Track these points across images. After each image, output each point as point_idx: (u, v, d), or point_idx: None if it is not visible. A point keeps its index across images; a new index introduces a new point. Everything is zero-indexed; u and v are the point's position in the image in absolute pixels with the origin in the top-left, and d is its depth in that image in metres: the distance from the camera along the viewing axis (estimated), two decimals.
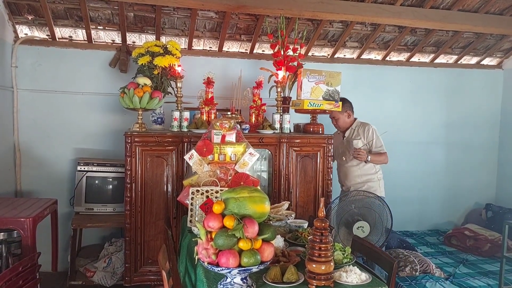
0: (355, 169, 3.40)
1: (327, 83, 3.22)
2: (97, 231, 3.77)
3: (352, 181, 3.43)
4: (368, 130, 3.38)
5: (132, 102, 2.86)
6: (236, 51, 4.04)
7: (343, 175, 3.51)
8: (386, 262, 2.01)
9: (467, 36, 4.29)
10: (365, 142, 3.33)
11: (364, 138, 3.35)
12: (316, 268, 1.61)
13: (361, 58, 4.37)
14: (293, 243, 2.13)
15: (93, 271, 3.31)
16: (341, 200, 3.13)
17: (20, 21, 3.43)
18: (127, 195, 2.89)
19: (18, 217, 2.48)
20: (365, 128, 3.40)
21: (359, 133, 3.40)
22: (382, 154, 3.37)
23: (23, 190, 3.59)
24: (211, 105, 3.14)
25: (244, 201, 1.60)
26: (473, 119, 4.76)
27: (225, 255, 1.51)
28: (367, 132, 3.38)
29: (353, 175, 3.42)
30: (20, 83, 3.55)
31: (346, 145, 3.46)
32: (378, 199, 3.12)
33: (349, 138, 3.43)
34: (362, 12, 3.56)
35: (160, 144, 2.92)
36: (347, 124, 3.48)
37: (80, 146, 3.71)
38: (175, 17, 3.56)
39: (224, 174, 2.37)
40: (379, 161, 3.36)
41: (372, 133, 3.38)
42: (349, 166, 3.43)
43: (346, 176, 3.46)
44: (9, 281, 2.01)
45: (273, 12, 3.42)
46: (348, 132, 3.47)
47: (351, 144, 3.33)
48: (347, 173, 3.45)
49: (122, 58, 3.61)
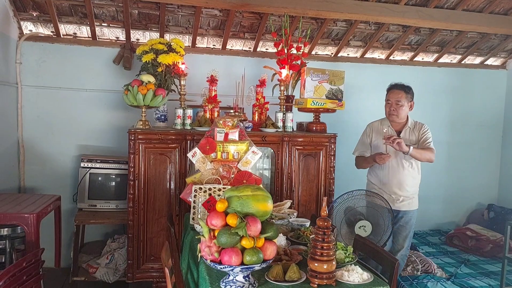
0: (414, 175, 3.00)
1: (331, 82, 3.22)
2: (100, 228, 3.78)
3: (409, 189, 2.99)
4: (424, 130, 2.99)
5: (136, 99, 2.87)
6: (240, 49, 4.04)
7: (396, 182, 2.99)
8: (388, 261, 2.01)
9: (471, 36, 4.28)
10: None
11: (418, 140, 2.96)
12: (318, 267, 1.62)
13: (365, 57, 4.36)
14: (295, 241, 2.13)
15: (95, 267, 3.32)
16: (343, 199, 3.14)
17: (25, 17, 3.44)
18: (130, 192, 2.90)
19: (22, 213, 2.50)
20: (421, 127, 3.01)
21: (414, 133, 2.99)
22: (428, 149, 2.91)
23: (26, 186, 3.61)
24: (214, 103, 3.15)
25: (247, 200, 1.60)
26: (476, 119, 4.75)
27: (228, 253, 1.51)
28: (422, 131, 2.99)
29: (412, 183, 2.99)
30: (25, 79, 3.56)
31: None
32: (380, 198, 3.13)
33: (404, 140, 2.88)
34: (366, 11, 3.55)
35: (163, 141, 2.93)
36: (405, 117, 3.01)
37: (83, 142, 3.73)
38: (179, 14, 3.56)
39: (227, 172, 2.37)
40: (423, 158, 2.90)
41: (426, 132, 2.99)
42: (406, 173, 2.97)
43: (401, 183, 2.97)
44: (13, 276, 2.03)
45: (277, 10, 3.42)
46: (405, 132, 2.99)
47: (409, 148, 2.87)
48: (402, 181, 2.97)
49: (126, 55, 3.62)
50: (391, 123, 3.03)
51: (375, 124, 3.10)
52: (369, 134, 3.09)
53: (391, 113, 2.97)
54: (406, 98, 2.93)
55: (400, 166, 2.97)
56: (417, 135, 2.97)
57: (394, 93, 2.95)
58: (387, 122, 3.03)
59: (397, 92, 2.95)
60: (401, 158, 2.95)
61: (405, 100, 2.93)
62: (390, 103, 2.98)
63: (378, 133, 3.03)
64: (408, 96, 2.94)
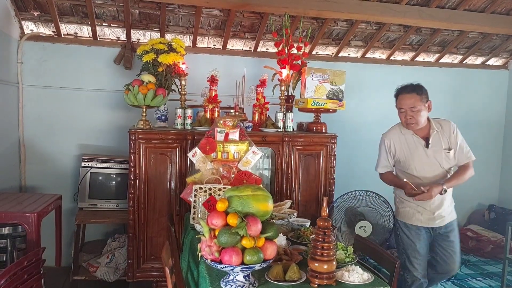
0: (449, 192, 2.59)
1: (331, 82, 3.22)
2: (100, 227, 3.79)
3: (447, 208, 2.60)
4: (453, 131, 2.56)
5: (136, 99, 2.87)
6: (240, 49, 4.04)
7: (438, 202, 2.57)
8: (389, 262, 2.01)
9: (473, 36, 4.27)
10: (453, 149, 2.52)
11: (452, 144, 2.55)
12: (318, 267, 1.62)
13: (366, 57, 4.36)
14: (295, 241, 2.13)
15: (96, 266, 3.33)
16: (344, 199, 3.14)
17: (26, 17, 3.44)
18: (130, 191, 2.90)
19: (23, 212, 2.50)
20: (449, 127, 2.57)
21: (444, 136, 2.56)
22: (463, 170, 2.54)
23: (27, 186, 3.62)
24: (215, 103, 3.15)
25: (248, 199, 1.61)
26: (478, 120, 4.75)
27: (228, 253, 1.51)
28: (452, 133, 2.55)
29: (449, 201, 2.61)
30: (26, 79, 3.57)
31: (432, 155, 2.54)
32: (381, 198, 3.13)
33: (437, 147, 2.52)
34: (367, 11, 3.55)
35: (164, 141, 2.93)
36: (425, 121, 2.56)
37: (84, 142, 3.73)
38: (180, 14, 3.56)
39: (227, 172, 2.38)
40: (463, 182, 2.52)
41: (457, 134, 2.56)
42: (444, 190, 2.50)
43: (442, 201, 2.57)
44: (14, 275, 2.03)
45: (278, 10, 3.42)
46: (434, 139, 2.54)
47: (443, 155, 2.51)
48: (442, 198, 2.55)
49: (126, 55, 3.62)
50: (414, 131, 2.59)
51: (394, 135, 2.65)
52: (389, 148, 2.67)
53: (408, 122, 2.53)
54: (421, 101, 2.48)
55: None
56: (448, 139, 2.55)
57: (406, 98, 2.51)
58: (409, 131, 2.59)
59: (409, 97, 2.50)
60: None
61: (420, 104, 2.48)
62: (404, 111, 2.54)
63: (402, 144, 2.61)
64: (422, 97, 2.50)
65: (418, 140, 2.57)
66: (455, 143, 2.55)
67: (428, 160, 2.54)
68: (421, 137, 2.57)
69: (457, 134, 2.56)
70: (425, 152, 2.55)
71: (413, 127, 2.55)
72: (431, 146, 2.54)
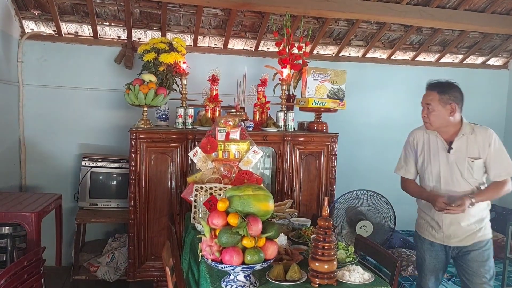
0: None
1: (332, 81, 3.22)
2: (101, 227, 3.79)
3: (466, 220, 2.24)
4: (489, 139, 2.23)
5: (137, 98, 2.87)
6: (241, 48, 4.04)
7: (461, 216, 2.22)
8: (389, 261, 2.01)
9: (473, 36, 4.27)
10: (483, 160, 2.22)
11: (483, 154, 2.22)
12: (319, 267, 1.62)
13: (366, 56, 4.36)
14: (296, 241, 2.13)
15: (96, 266, 3.33)
16: (345, 199, 3.14)
17: (27, 16, 3.44)
18: (131, 191, 2.90)
19: (23, 211, 2.50)
20: (484, 135, 2.25)
21: (474, 143, 2.23)
22: (506, 184, 2.23)
23: (28, 185, 3.62)
24: (216, 102, 3.15)
25: (249, 199, 1.61)
26: (478, 119, 4.66)
27: (229, 253, 1.51)
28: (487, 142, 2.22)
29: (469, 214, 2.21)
30: (26, 78, 3.57)
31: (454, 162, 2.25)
32: (382, 198, 3.13)
33: (460, 154, 2.24)
34: (367, 11, 3.54)
35: (165, 140, 2.93)
36: (442, 124, 2.26)
37: (85, 141, 3.73)
38: (181, 14, 3.56)
39: (228, 171, 2.38)
40: (498, 196, 2.26)
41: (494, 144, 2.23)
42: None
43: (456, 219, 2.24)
44: (14, 275, 2.03)
45: (279, 10, 3.42)
46: (458, 143, 2.25)
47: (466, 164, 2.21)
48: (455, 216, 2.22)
49: (127, 54, 3.62)
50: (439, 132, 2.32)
51: (419, 132, 2.41)
52: (413, 145, 2.42)
53: (423, 120, 2.32)
54: (440, 101, 2.22)
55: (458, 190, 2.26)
56: (479, 147, 2.22)
57: (426, 93, 2.32)
58: (434, 131, 2.32)
59: (429, 93, 2.29)
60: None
61: (437, 103, 2.22)
62: (423, 107, 2.33)
63: (424, 144, 2.37)
64: (443, 98, 2.21)
65: (441, 143, 2.30)
66: (489, 154, 2.22)
67: (447, 167, 2.26)
68: (445, 139, 2.29)
69: (494, 144, 2.23)
70: (446, 157, 2.26)
71: (427, 126, 2.31)
72: (453, 151, 2.24)
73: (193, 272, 2.04)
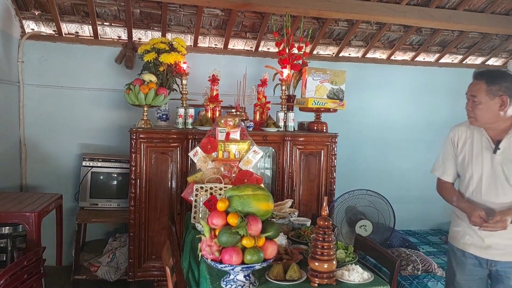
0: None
1: (332, 81, 3.23)
2: (101, 226, 3.79)
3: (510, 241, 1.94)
4: None
5: (137, 98, 2.88)
6: (241, 48, 4.05)
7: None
8: (389, 261, 2.02)
9: (473, 36, 4.27)
10: None
11: None
12: (318, 266, 1.62)
13: (366, 57, 4.36)
14: (296, 241, 2.14)
15: (97, 265, 3.33)
16: (344, 198, 3.15)
17: (27, 16, 3.45)
18: (131, 191, 2.91)
19: (24, 211, 2.50)
20: None
21: None
22: None
23: (28, 185, 3.62)
24: (216, 102, 3.15)
25: (248, 199, 1.61)
26: None
27: (229, 252, 1.52)
28: None
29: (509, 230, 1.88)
30: (27, 78, 3.57)
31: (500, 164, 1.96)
32: (381, 197, 3.14)
33: (509, 155, 1.93)
34: (367, 11, 3.55)
35: (165, 140, 2.94)
36: (490, 120, 1.96)
37: (85, 141, 3.74)
38: (181, 14, 3.57)
39: (228, 171, 2.38)
40: None
41: None
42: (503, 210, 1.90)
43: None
44: (14, 275, 2.04)
45: (279, 10, 3.42)
46: (508, 142, 1.94)
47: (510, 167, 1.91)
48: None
49: (128, 55, 3.62)
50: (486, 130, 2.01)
51: (461, 128, 2.11)
52: (454, 142, 2.12)
53: (467, 114, 2.02)
54: (488, 92, 1.89)
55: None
56: None
57: (472, 84, 1.99)
58: (480, 128, 2.02)
59: (475, 83, 1.96)
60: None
61: (484, 95, 1.90)
62: (467, 99, 2.02)
63: (466, 141, 2.07)
64: (492, 89, 1.89)
65: (486, 141, 1.99)
66: None
67: (491, 170, 1.96)
68: (492, 137, 1.98)
69: None
70: (491, 158, 1.97)
71: (471, 122, 2.00)
72: (500, 151, 1.94)
73: (193, 271, 2.04)
